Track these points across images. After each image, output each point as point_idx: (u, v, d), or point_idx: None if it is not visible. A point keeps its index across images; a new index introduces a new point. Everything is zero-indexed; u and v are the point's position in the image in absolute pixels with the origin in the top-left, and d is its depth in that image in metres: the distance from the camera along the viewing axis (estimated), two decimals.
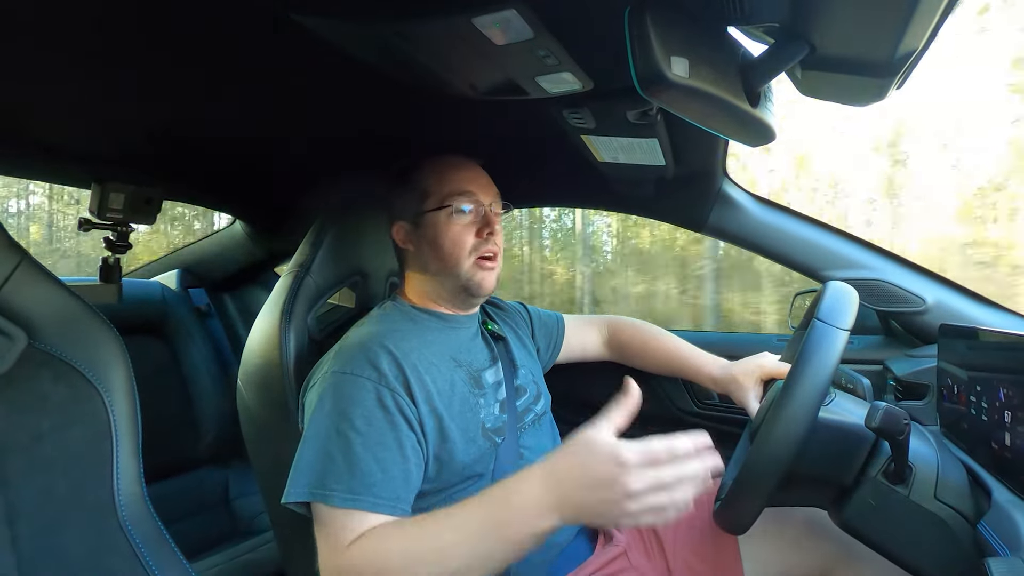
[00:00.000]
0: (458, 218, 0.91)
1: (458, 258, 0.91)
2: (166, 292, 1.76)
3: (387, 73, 0.78)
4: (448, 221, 0.91)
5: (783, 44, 0.61)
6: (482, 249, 0.92)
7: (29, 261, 0.64)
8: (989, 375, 0.72)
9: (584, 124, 0.92)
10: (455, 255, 0.91)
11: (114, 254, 1.39)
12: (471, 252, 0.91)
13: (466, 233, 0.91)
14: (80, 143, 1.13)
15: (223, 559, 1.44)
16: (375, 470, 0.74)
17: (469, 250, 0.91)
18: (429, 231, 0.93)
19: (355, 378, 0.79)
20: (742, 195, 1.26)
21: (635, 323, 1.26)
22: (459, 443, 0.84)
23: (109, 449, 0.64)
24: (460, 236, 0.91)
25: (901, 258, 1.19)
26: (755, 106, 0.65)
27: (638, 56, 0.56)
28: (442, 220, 0.92)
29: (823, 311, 0.72)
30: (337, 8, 0.63)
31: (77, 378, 0.63)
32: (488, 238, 0.92)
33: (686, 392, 1.40)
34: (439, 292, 0.95)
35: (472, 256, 0.92)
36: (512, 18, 0.59)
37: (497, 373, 0.97)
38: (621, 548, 0.95)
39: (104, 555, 0.61)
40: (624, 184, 1.25)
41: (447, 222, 0.91)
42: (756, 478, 0.69)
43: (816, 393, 0.67)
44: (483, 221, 0.93)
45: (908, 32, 0.52)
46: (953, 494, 0.68)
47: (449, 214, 0.91)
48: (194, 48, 0.74)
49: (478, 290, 0.93)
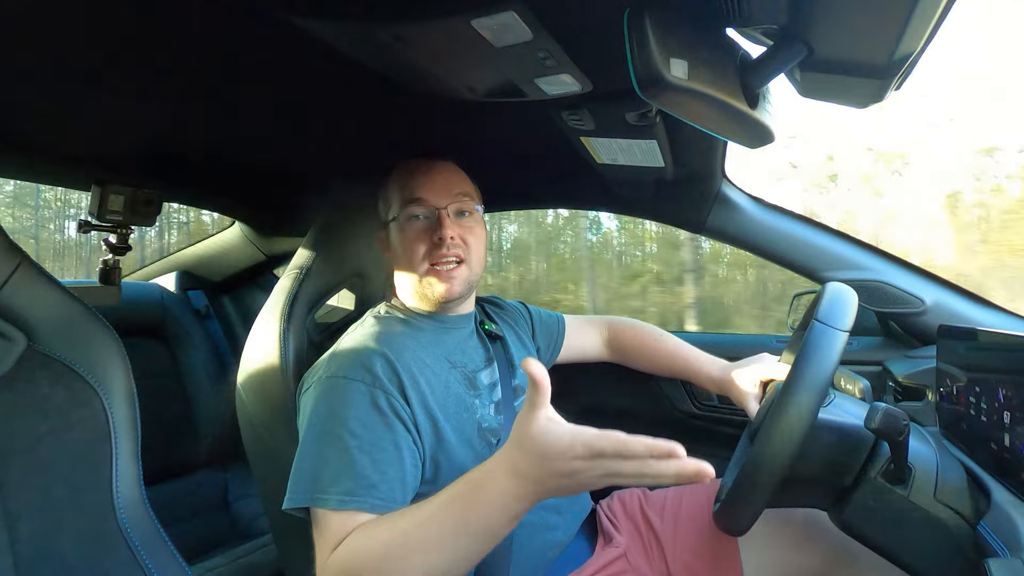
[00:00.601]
0: (410, 226, 0.91)
1: (412, 266, 0.91)
2: (165, 294, 1.76)
3: (386, 75, 0.78)
4: (402, 229, 0.91)
5: (782, 46, 0.61)
6: (434, 255, 0.89)
7: (28, 263, 0.63)
8: (988, 376, 0.72)
9: (583, 126, 0.92)
10: (410, 263, 0.91)
11: (114, 256, 1.39)
12: (423, 260, 0.90)
13: (418, 241, 0.90)
14: (80, 145, 1.12)
15: (222, 561, 1.43)
16: (371, 472, 0.74)
17: (421, 258, 0.90)
18: (393, 239, 0.94)
19: (349, 381, 0.79)
20: (741, 196, 1.26)
21: (636, 324, 1.26)
22: (455, 444, 0.84)
23: (108, 451, 0.64)
24: (412, 245, 0.90)
25: (900, 259, 1.19)
26: (754, 107, 0.66)
27: (637, 58, 0.56)
28: (398, 228, 0.92)
29: (822, 312, 0.72)
30: (336, 11, 0.63)
31: (76, 380, 0.63)
32: (439, 243, 0.89)
33: (686, 393, 1.40)
34: (421, 298, 0.94)
35: (424, 264, 0.90)
36: (511, 20, 0.59)
37: (492, 374, 0.97)
38: (621, 549, 0.95)
39: (103, 558, 0.61)
40: (623, 186, 1.25)
41: (401, 231, 0.92)
42: (755, 479, 0.69)
43: (815, 394, 0.67)
44: (436, 226, 0.90)
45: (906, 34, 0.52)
46: (952, 495, 0.68)
47: (402, 223, 0.91)
48: (193, 50, 0.74)
49: (436, 298, 0.91)
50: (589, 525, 1.02)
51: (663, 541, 0.97)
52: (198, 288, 1.89)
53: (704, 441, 1.38)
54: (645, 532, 0.99)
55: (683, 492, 1.04)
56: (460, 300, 0.94)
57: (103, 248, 1.37)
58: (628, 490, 1.09)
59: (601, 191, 1.29)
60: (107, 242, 1.36)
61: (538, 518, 0.90)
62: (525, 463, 0.61)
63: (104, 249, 1.37)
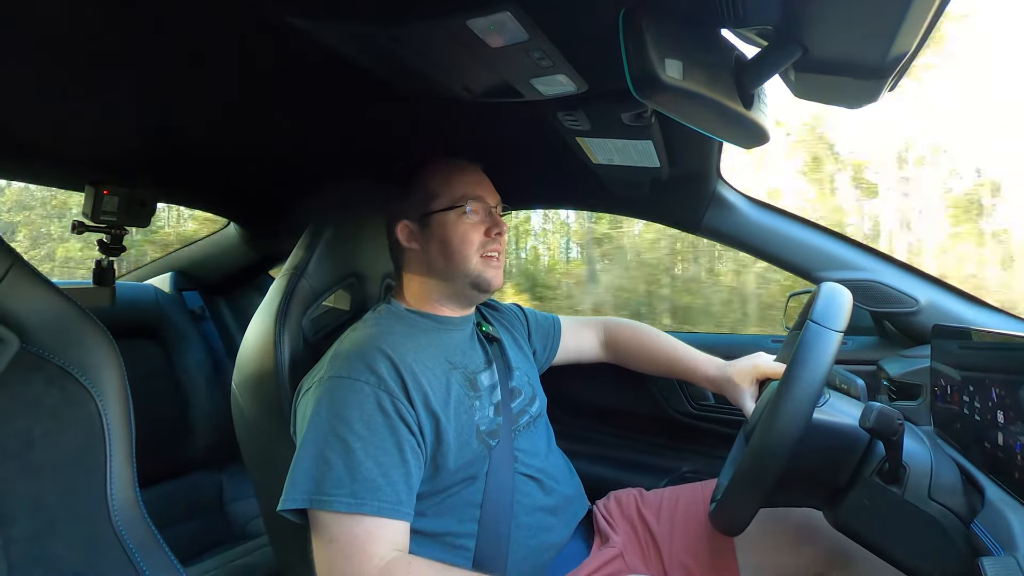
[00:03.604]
0: (467, 219, 0.94)
1: (466, 255, 0.93)
2: (160, 295, 1.75)
3: (382, 76, 0.78)
4: (458, 220, 0.94)
5: (776, 46, 0.61)
6: (488, 247, 0.94)
7: (21, 264, 0.63)
8: (982, 375, 0.73)
9: (578, 126, 0.93)
10: (463, 252, 0.93)
11: (108, 257, 1.38)
12: (478, 249, 0.94)
13: (474, 232, 0.94)
14: (74, 146, 1.12)
15: (217, 563, 1.43)
16: (377, 475, 0.74)
17: (477, 247, 0.94)
18: (437, 230, 0.94)
19: (353, 382, 0.79)
20: (736, 196, 1.26)
21: (632, 324, 1.27)
22: (453, 445, 0.83)
23: (102, 453, 0.63)
24: (468, 234, 0.93)
25: (894, 259, 1.20)
26: (748, 108, 0.66)
27: (632, 58, 0.56)
28: (451, 220, 0.94)
29: (817, 313, 0.72)
30: (332, 11, 0.62)
31: (70, 382, 0.63)
32: (496, 237, 0.95)
33: (681, 394, 1.40)
34: (442, 292, 0.96)
35: (479, 253, 0.94)
36: (506, 20, 0.59)
37: (492, 375, 0.97)
38: (617, 550, 0.95)
39: (97, 560, 0.60)
40: (619, 186, 1.26)
41: (457, 221, 0.94)
42: (751, 480, 0.69)
43: (810, 396, 0.67)
44: (491, 221, 0.96)
45: (900, 34, 0.52)
46: (947, 494, 0.68)
47: (459, 214, 0.94)
48: (189, 50, 0.74)
49: (488, 286, 0.95)
50: (585, 526, 1.02)
51: (659, 541, 0.97)
52: (193, 289, 1.88)
53: (700, 441, 1.38)
54: (641, 532, 1.00)
55: (679, 492, 1.04)
56: (494, 292, 0.99)
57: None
58: (625, 490, 1.09)
59: (597, 191, 1.29)
60: (101, 243, 1.35)
61: (533, 520, 0.90)
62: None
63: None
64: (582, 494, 1.05)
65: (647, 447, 1.46)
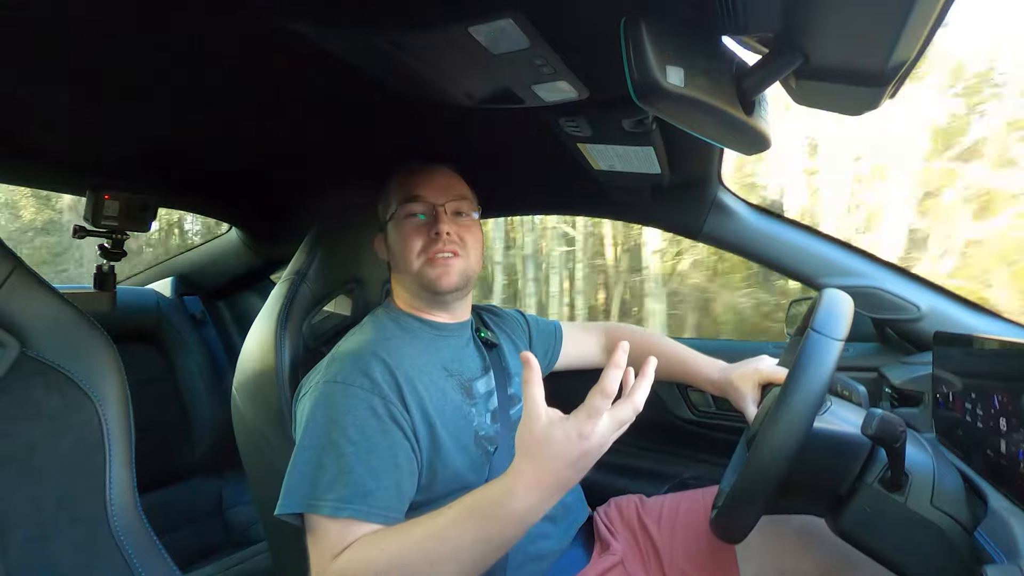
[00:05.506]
0: (408, 222, 0.93)
1: (407, 259, 0.93)
2: (160, 300, 1.75)
3: (384, 82, 0.78)
4: (400, 226, 0.94)
5: (777, 54, 0.61)
6: (431, 250, 0.92)
7: (22, 269, 0.63)
8: (984, 382, 0.72)
9: (580, 132, 0.93)
10: (405, 256, 0.93)
11: (109, 261, 1.39)
12: (420, 253, 0.92)
13: (415, 235, 0.93)
14: (75, 150, 1.12)
15: (216, 569, 1.42)
16: (367, 479, 0.73)
17: (418, 251, 0.92)
18: (390, 238, 0.96)
19: (348, 387, 0.79)
20: (737, 203, 1.26)
21: (634, 328, 1.27)
22: (451, 451, 0.83)
23: (102, 458, 0.63)
24: (409, 239, 0.93)
25: (896, 266, 1.19)
26: (750, 114, 0.66)
27: (633, 65, 0.56)
28: (396, 225, 0.95)
29: (818, 322, 0.72)
30: (334, 16, 0.63)
31: (70, 386, 0.63)
32: (436, 238, 0.92)
33: (683, 400, 1.40)
34: (415, 296, 0.96)
35: (422, 257, 0.92)
36: (508, 27, 0.60)
37: (489, 382, 0.96)
38: (618, 557, 0.94)
39: (96, 565, 0.60)
40: (620, 192, 1.26)
41: (399, 227, 0.94)
42: (752, 487, 0.68)
43: (811, 406, 0.67)
44: (433, 222, 0.93)
45: (901, 42, 0.52)
46: (949, 501, 0.68)
47: (400, 219, 0.94)
48: (190, 55, 0.74)
49: (433, 286, 0.92)
50: (586, 532, 1.02)
51: (660, 549, 0.96)
52: (194, 294, 1.88)
53: (701, 447, 1.38)
54: (642, 540, 0.99)
55: (680, 499, 1.04)
56: (457, 294, 0.95)
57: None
58: (625, 497, 1.09)
59: (598, 197, 1.29)
60: (102, 247, 1.35)
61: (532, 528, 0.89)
62: (545, 472, 0.63)
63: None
64: (582, 500, 1.04)
65: (648, 453, 1.46)
